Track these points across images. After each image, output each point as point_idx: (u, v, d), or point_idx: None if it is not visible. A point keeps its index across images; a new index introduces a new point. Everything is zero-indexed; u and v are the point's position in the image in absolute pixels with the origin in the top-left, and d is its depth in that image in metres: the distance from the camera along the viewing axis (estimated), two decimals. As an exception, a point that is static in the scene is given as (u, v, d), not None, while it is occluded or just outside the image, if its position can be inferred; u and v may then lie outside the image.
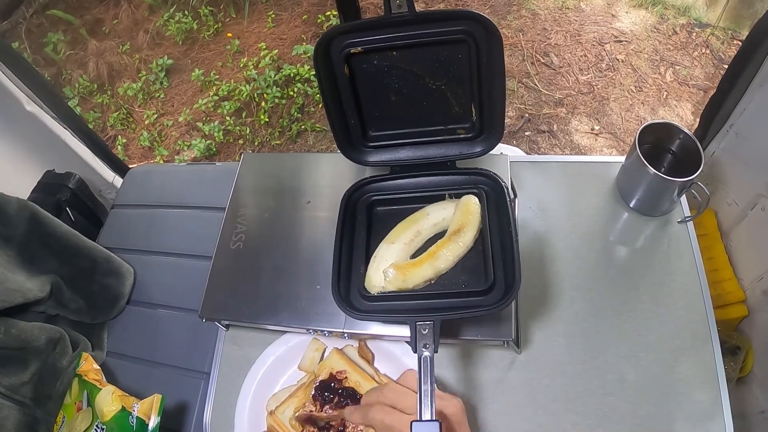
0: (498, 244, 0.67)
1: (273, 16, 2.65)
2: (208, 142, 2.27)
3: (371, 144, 0.75)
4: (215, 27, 2.68)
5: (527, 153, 1.74)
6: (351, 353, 0.75)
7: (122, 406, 0.73)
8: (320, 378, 0.72)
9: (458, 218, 0.69)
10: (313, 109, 2.31)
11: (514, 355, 0.75)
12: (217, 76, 2.47)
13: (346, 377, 0.72)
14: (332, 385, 0.72)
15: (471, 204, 0.69)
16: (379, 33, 0.64)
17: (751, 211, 0.95)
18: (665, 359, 0.72)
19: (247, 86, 2.34)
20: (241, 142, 2.29)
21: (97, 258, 0.91)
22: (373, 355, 0.76)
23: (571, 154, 1.95)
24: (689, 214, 0.82)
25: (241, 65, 2.48)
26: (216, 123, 2.29)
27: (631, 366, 0.72)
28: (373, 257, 0.68)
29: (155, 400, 0.74)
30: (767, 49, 0.81)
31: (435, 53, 0.66)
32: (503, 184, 0.71)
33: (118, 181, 1.16)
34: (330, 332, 0.74)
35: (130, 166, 1.17)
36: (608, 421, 0.69)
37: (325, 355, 0.77)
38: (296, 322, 0.74)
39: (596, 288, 0.79)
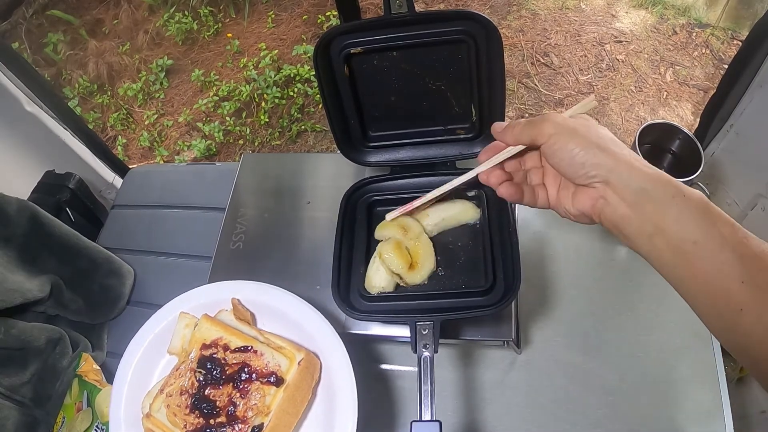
0: (498, 244, 0.67)
1: (273, 16, 2.65)
2: (208, 142, 2.27)
3: (371, 144, 0.75)
4: (215, 27, 2.68)
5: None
6: (226, 318, 0.64)
7: (122, 407, 0.73)
8: (191, 354, 0.60)
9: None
10: (313, 110, 2.31)
11: (514, 355, 0.75)
12: (217, 77, 2.47)
13: (226, 343, 0.61)
14: (214, 355, 0.60)
15: None
16: (379, 33, 0.64)
17: (751, 211, 0.95)
18: (665, 359, 0.72)
19: (247, 86, 2.34)
20: (241, 142, 2.29)
21: (97, 258, 0.91)
22: (252, 314, 0.66)
23: (571, 154, 1.94)
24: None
25: (241, 65, 2.48)
26: (216, 123, 2.29)
27: (631, 366, 0.72)
28: (373, 257, 0.68)
29: (155, 400, 0.74)
30: (767, 49, 0.81)
31: (435, 53, 0.66)
32: (503, 184, 0.71)
33: (118, 181, 1.16)
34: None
35: (130, 167, 1.17)
36: (608, 421, 0.69)
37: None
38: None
39: (596, 288, 0.79)
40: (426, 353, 0.57)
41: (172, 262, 0.98)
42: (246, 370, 0.58)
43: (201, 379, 0.58)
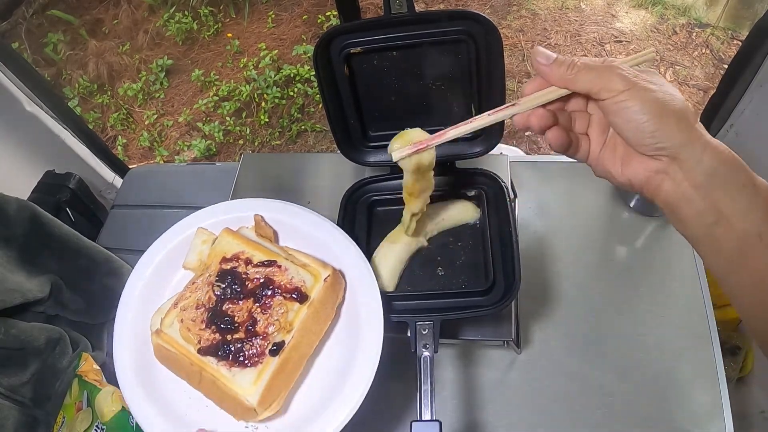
0: (498, 244, 0.67)
1: (273, 16, 2.65)
2: (208, 142, 2.27)
3: (371, 144, 0.75)
4: (215, 27, 2.68)
5: (527, 153, 1.74)
6: (247, 234, 0.62)
7: (122, 407, 0.73)
8: (211, 268, 0.57)
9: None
10: (313, 109, 2.31)
11: (514, 355, 0.75)
12: (217, 77, 2.47)
13: (248, 257, 0.57)
14: (235, 268, 0.56)
15: None
16: (379, 33, 0.64)
17: (751, 211, 0.95)
18: (665, 359, 0.72)
19: (247, 86, 2.34)
20: (241, 142, 2.29)
21: (97, 258, 0.91)
22: (275, 232, 0.63)
23: (571, 154, 1.94)
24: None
25: (241, 65, 2.48)
26: (216, 123, 2.29)
27: (630, 366, 0.72)
28: (373, 257, 0.68)
29: (155, 400, 0.74)
30: (767, 49, 0.81)
31: (435, 53, 0.66)
32: (503, 184, 0.71)
33: (118, 181, 1.16)
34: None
35: (130, 167, 1.17)
36: (608, 421, 0.69)
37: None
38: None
39: (596, 288, 0.79)
40: (426, 353, 0.57)
41: (172, 262, 0.98)
42: (268, 285, 0.55)
43: (219, 293, 0.55)
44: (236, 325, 0.53)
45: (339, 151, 0.76)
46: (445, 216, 0.71)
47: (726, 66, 1.08)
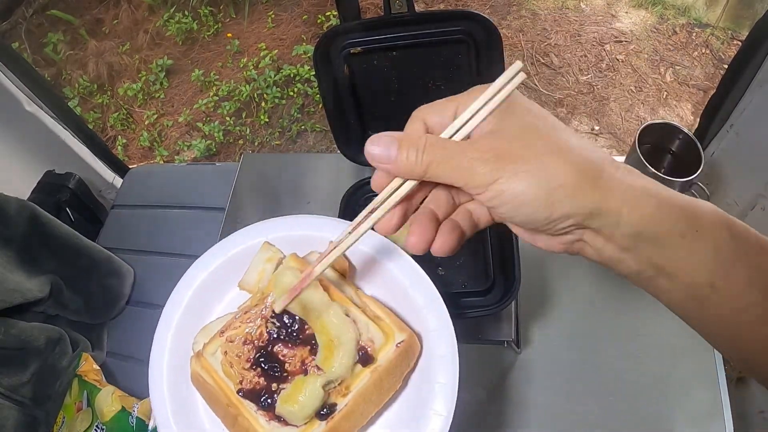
0: (498, 244, 0.67)
1: (273, 16, 2.65)
2: (208, 142, 2.27)
3: (371, 144, 0.75)
4: (215, 27, 2.68)
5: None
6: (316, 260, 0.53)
7: (122, 407, 0.73)
8: (268, 300, 0.49)
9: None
10: (313, 109, 2.31)
11: (514, 355, 0.75)
12: (217, 77, 2.47)
13: None
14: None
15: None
16: (379, 33, 0.64)
17: (751, 211, 0.95)
18: (665, 359, 0.72)
19: (247, 86, 2.34)
20: (241, 142, 2.29)
21: (97, 258, 0.91)
22: (352, 266, 0.53)
23: (571, 154, 1.94)
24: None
25: (241, 65, 2.48)
26: (216, 123, 2.29)
27: (631, 366, 0.72)
28: None
29: (155, 400, 0.74)
30: (767, 49, 0.81)
31: (435, 53, 0.66)
32: (503, 184, 0.71)
33: (118, 181, 1.16)
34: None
35: (130, 167, 1.17)
36: (608, 421, 0.69)
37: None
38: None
39: (596, 288, 0.79)
40: (426, 353, 0.56)
41: (172, 262, 0.98)
42: None
43: (273, 331, 0.47)
44: (285, 373, 0.46)
45: (339, 151, 0.76)
46: None
47: (726, 66, 1.08)
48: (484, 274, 0.66)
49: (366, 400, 0.45)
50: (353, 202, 0.75)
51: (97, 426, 0.74)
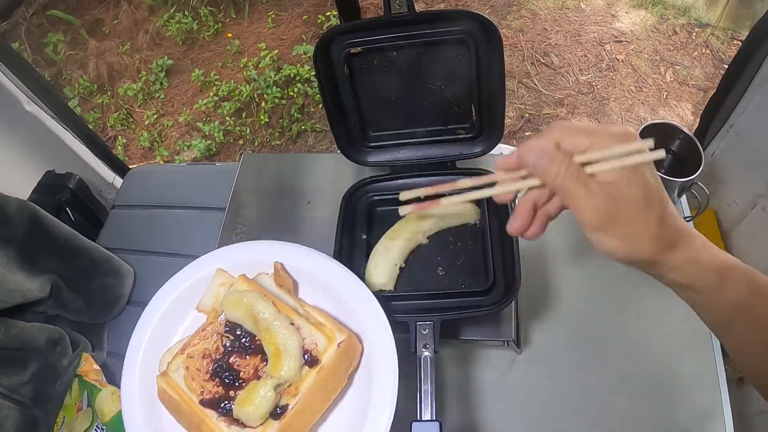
0: (498, 244, 0.67)
1: (273, 16, 2.65)
2: (208, 142, 2.26)
3: (371, 144, 0.75)
4: (215, 27, 2.68)
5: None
6: (265, 282, 0.58)
7: (122, 407, 0.73)
8: (221, 316, 0.56)
9: None
10: (313, 110, 2.31)
11: (514, 355, 0.75)
12: (217, 77, 2.47)
13: None
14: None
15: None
16: (379, 33, 0.64)
17: (751, 211, 0.95)
18: (665, 359, 0.72)
19: (247, 86, 2.34)
20: (241, 142, 2.29)
21: (97, 258, 0.91)
22: (295, 282, 0.59)
23: (571, 154, 1.94)
24: (689, 214, 0.81)
25: (241, 65, 2.48)
26: (216, 123, 2.29)
27: (631, 366, 0.72)
28: (372, 254, 0.68)
29: (155, 400, 0.74)
30: (767, 49, 0.81)
31: (435, 53, 0.66)
32: (503, 184, 0.71)
33: (118, 181, 1.16)
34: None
35: (130, 167, 1.17)
36: (608, 421, 0.69)
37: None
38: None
39: (596, 288, 0.79)
40: (426, 353, 0.57)
41: (172, 262, 0.98)
42: None
43: (228, 344, 0.53)
44: (240, 381, 0.51)
45: (339, 151, 0.76)
46: (446, 214, 0.71)
47: (726, 66, 1.08)
48: (484, 274, 0.66)
49: (314, 397, 0.50)
50: (353, 202, 0.75)
51: (97, 426, 0.74)
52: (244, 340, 0.53)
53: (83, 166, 1.10)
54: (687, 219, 0.81)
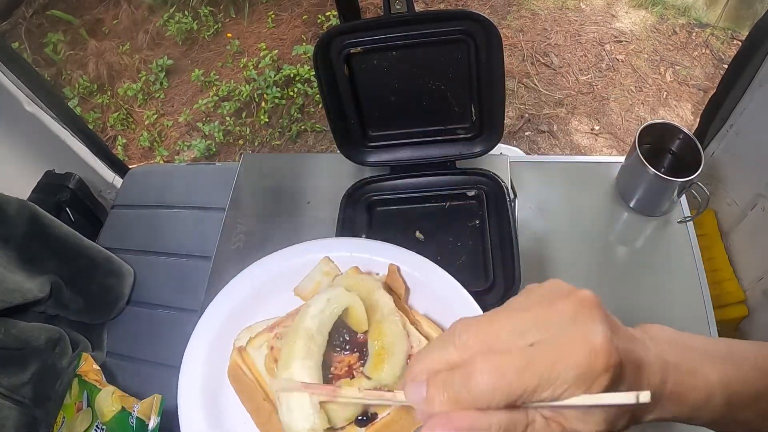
0: (498, 244, 0.67)
1: (273, 16, 2.65)
2: (208, 142, 2.26)
3: (371, 144, 0.75)
4: (215, 27, 2.68)
5: (527, 153, 1.74)
6: (375, 279, 0.54)
7: (122, 407, 0.73)
8: None
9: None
10: (313, 110, 2.31)
11: (514, 355, 0.75)
12: (217, 77, 2.47)
13: None
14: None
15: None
16: (378, 33, 0.64)
17: (751, 211, 0.95)
18: (665, 359, 0.72)
19: (247, 86, 2.34)
20: (241, 142, 2.29)
21: (97, 258, 0.91)
22: (407, 288, 0.55)
23: (571, 155, 1.95)
24: (689, 214, 0.81)
25: (241, 65, 2.48)
26: (216, 123, 2.29)
27: (631, 366, 0.72)
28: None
29: (155, 400, 0.74)
30: (767, 49, 0.81)
31: (435, 53, 0.66)
32: (503, 184, 0.71)
33: (118, 181, 1.16)
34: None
35: (130, 167, 1.17)
36: (608, 421, 0.69)
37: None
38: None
39: (596, 288, 0.78)
40: (426, 353, 0.56)
41: (172, 262, 0.98)
42: None
43: (334, 340, 0.47)
44: (330, 376, 0.45)
45: (339, 151, 0.76)
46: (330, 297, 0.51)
47: (726, 66, 1.08)
48: (484, 274, 0.66)
49: (408, 413, 0.44)
50: (353, 202, 0.75)
51: (97, 426, 0.74)
52: (344, 335, 0.46)
53: (83, 166, 1.10)
54: (687, 219, 0.81)
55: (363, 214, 0.74)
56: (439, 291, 0.54)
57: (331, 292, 0.47)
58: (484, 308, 0.61)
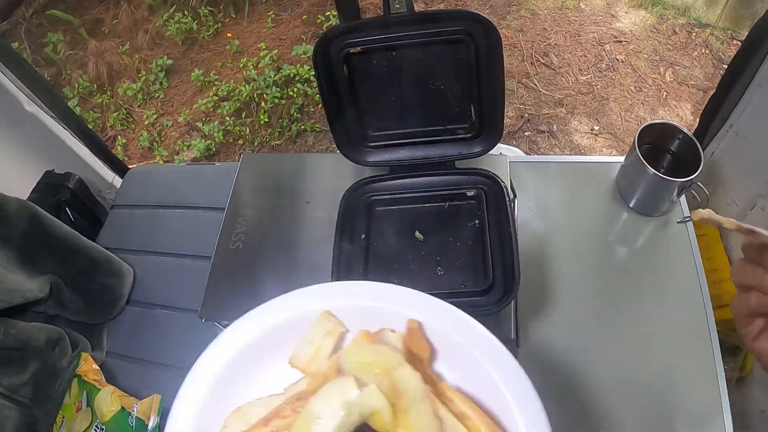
0: (497, 244, 0.67)
1: (273, 16, 2.65)
2: (208, 142, 2.26)
3: (371, 144, 0.75)
4: (215, 27, 2.68)
5: (527, 153, 1.74)
6: (390, 340, 0.40)
7: (122, 407, 0.73)
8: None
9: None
10: (313, 109, 2.31)
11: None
12: (217, 77, 2.47)
13: None
14: None
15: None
16: (378, 33, 0.64)
17: (751, 211, 0.95)
18: (665, 359, 0.72)
19: (247, 86, 2.34)
20: (240, 142, 2.29)
21: (97, 258, 0.91)
22: (433, 349, 0.42)
23: (570, 155, 1.95)
24: (689, 215, 0.82)
25: (241, 65, 2.48)
26: (216, 123, 2.29)
27: (630, 366, 0.72)
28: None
29: (155, 400, 0.74)
30: (767, 49, 0.81)
31: (434, 53, 0.66)
32: (503, 184, 0.71)
33: (117, 181, 1.16)
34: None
35: (129, 167, 1.17)
36: (608, 420, 0.69)
37: (345, 344, 0.41)
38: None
39: (596, 288, 0.79)
40: (425, 353, 0.56)
41: (171, 262, 0.98)
42: None
43: None
44: None
45: (338, 151, 0.76)
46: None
47: (726, 66, 1.08)
48: (484, 274, 0.66)
49: None
50: (352, 202, 0.75)
51: (96, 426, 0.74)
52: (360, 427, 0.35)
53: (83, 166, 1.10)
54: (686, 219, 0.81)
55: (362, 214, 0.74)
56: (473, 352, 0.40)
57: (348, 394, 0.34)
58: (484, 308, 0.61)
